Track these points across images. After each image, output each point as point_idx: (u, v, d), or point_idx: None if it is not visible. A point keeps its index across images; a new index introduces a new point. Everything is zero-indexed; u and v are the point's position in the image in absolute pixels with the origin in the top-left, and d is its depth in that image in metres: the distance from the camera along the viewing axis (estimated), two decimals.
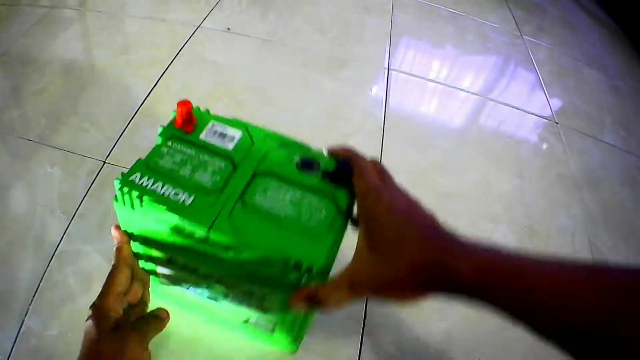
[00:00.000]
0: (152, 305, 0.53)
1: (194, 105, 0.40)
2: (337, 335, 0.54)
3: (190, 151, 0.37)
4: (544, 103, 1.02)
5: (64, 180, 0.64)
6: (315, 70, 0.92)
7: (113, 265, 0.39)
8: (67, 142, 0.68)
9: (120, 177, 0.34)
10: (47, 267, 0.54)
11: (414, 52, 1.07)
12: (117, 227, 0.40)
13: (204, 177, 0.35)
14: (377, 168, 0.35)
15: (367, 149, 0.78)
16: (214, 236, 0.33)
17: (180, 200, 0.33)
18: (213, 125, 0.40)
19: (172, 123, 0.39)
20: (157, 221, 0.35)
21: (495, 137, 0.90)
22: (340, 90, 0.89)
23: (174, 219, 0.33)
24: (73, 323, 0.50)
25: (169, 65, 0.85)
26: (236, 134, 0.39)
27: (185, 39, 0.92)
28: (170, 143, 0.37)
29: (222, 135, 0.39)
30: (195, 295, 0.46)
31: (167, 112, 0.73)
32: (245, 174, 0.36)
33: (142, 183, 0.34)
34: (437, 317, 0.58)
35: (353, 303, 0.32)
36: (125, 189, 0.34)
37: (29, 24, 0.89)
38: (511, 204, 0.76)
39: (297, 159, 0.38)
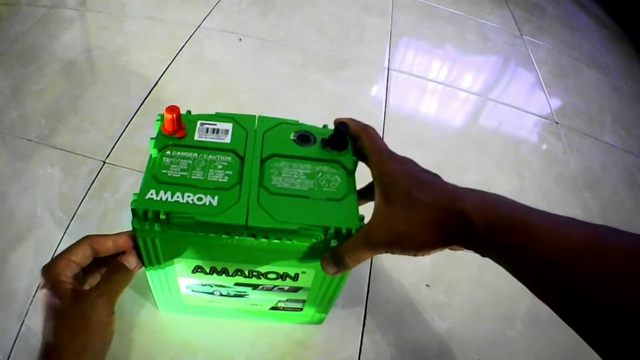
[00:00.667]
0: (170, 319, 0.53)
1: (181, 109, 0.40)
2: (337, 335, 0.54)
3: (193, 154, 0.37)
4: (544, 103, 1.02)
5: (64, 180, 0.64)
6: (315, 70, 0.92)
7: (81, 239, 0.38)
8: (67, 142, 0.68)
9: (135, 199, 0.33)
10: None
11: (414, 52, 1.07)
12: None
13: (218, 175, 0.36)
14: None
15: None
16: (253, 227, 0.33)
17: (207, 204, 0.33)
18: (202, 124, 0.40)
19: (161, 132, 0.38)
20: (187, 232, 0.34)
21: (495, 137, 0.90)
22: (340, 90, 0.89)
23: (208, 225, 0.33)
24: None
25: (169, 65, 0.85)
26: (227, 126, 0.40)
27: (185, 39, 0.92)
28: (169, 152, 0.37)
29: (216, 131, 0.39)
30: (220, 298, 0.46)
31: None
32: (254, 162, 0.37)
33: (161, 198, 0.33)
34: (437, 317, 0.58)
35: (373, 256, 0.33)
36: (150, 209, 0.33)
37: (29, 24, 0.89)
38: None
39: (292, 135, 0.40)
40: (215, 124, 0.40)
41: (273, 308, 0.48)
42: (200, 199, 0.34)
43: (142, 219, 0.33)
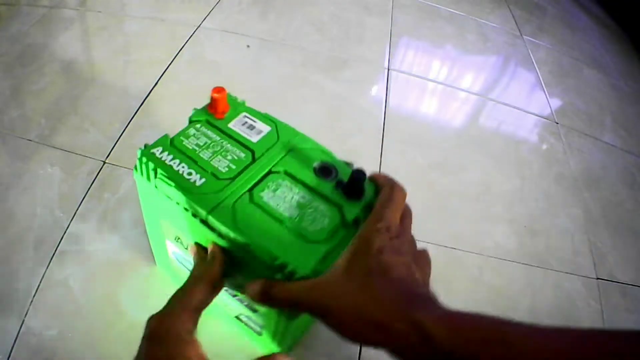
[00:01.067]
0: None
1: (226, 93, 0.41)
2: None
3: (216, 136, 0.39)
4: (544, 103, 1.02)
5: (64, 180, 0.64)
6: (315, 70, 0.92)
7: (194, 276, 0.32)
8: (67, 142, 0.68)
9: (143, 147, 0.36)
10: (47, 267, 0.54)
11: (414, 52, 1.07)
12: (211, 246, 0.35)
13: (221, 164, 0.37)
14: (406, 210, 0.33)
15: (367, 149, 0.79)
16: (212, 221, 0.33)
17: (191, 180, 0.35)
18: (244, 116, 0.41)
19: (206, 107, 0.41)
20: (167, 196, 0.36)
21: (495, 137, 0.90)
22: (340, 90, 0.89)
23: (180, 197, 0.35)
24: (73, 323, 0.50)
25: (169, 65, 0.85)
26: (265, 128, 0.41)
27: (185, 39, 0.92)
28: (199, 125, 0.39)
29: (251, 127, 0.40)
30: None
31: (168, 112, 0.74)
32: (262, 169, 0.37)
33: (162, 157, 0.36)
34: None
35: (298, 311, 0.30)
36: (145, 160, 0.35)
37: (29, 24, 0.89)
38: (511, 204, 0.76)
39: (316, 163, 0.38)
40: (255, 121, 0.41)
41: (237, 317, 0.47)
42: (190, 173, 0.35)
43: (140, 166, 0.36)
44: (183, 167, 0.36)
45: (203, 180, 0.35)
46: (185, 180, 0.35)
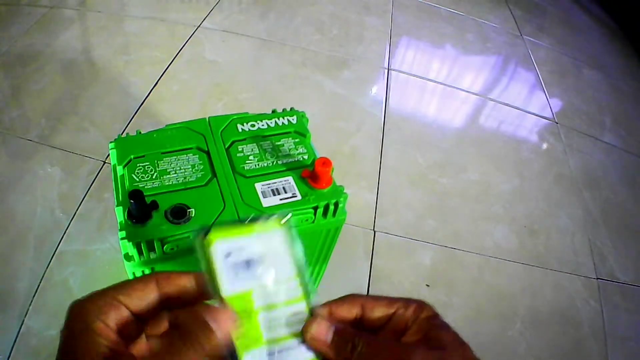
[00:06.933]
0: None
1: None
2: None
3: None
4: (544, 103, 1.02)
5: (64, 180, 0.64)
6: (315, 70, 0.92)
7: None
8: (67, 142, 0.68)
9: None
10: (47, 267, 0.54)
11: (414, 52, 1.07)
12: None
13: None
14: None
15: (367, 149, 0.79)
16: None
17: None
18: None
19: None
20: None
21: (495, 137, 0.90)
22: (340, 90, 0.89)
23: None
24: None
25: (169, 65, 0.85)
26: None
27: (185, 39, 0.92)
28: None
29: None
30: None
31: (167, 112, 0.74)
32: (220, 153, 0.37)
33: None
34: None
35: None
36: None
37: (29, 24, 0.89)
38: (511, 204, 0.76)
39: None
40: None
41: None
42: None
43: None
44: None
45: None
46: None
